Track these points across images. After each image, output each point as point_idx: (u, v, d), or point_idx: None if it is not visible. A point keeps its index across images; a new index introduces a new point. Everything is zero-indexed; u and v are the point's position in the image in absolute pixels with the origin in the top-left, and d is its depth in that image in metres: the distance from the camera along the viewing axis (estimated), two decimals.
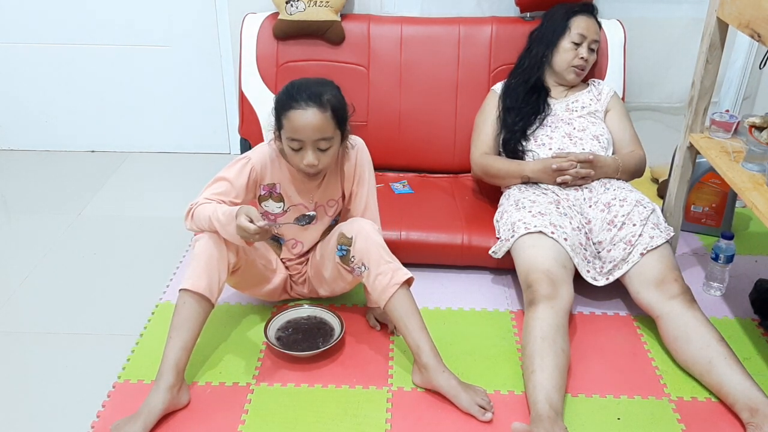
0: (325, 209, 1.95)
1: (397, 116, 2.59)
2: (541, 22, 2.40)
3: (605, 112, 2.34)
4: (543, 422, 1.58)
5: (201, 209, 1.74)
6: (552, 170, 2.13)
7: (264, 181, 1.85)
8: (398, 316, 1.77)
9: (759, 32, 1.69)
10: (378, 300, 1.79)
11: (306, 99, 1.68)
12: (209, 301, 1.72)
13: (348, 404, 1.73)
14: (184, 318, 1.70)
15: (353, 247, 1.80)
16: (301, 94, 1.69)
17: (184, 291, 1.70)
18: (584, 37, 2.29)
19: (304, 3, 2.50)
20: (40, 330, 2.01)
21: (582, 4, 2.38)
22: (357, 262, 1.81)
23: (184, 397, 1.70)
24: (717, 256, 2.15)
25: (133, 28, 2.93)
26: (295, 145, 1.72)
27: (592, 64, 2.38)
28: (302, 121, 1.68)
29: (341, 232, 1.84)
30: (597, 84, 2.42)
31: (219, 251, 1.73)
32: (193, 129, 3.13)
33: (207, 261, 1.72)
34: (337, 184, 1.92)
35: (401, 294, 1.77)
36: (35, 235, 2.50)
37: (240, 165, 1.81)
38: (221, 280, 1.75)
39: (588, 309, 2.11)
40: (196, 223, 1.75)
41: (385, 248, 1.81)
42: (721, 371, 1.72)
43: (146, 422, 1.60)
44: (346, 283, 1.93)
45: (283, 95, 1.73)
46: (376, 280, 1.78)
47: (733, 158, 1.94)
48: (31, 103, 3.09)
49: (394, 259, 1.81)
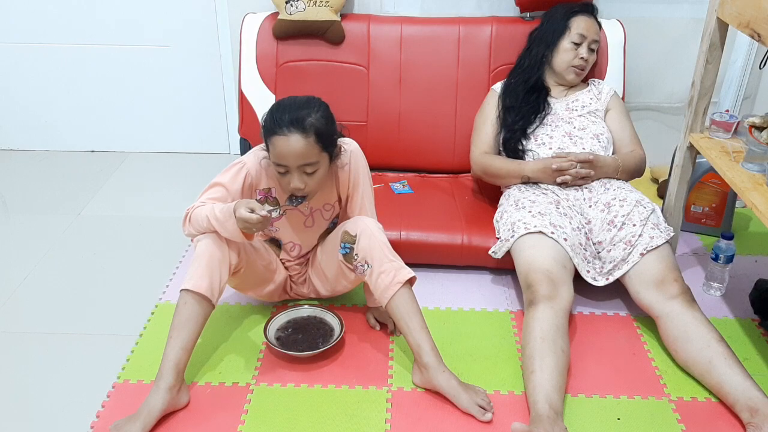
0: (321, 213, 1.95)
1: (397, 116, 2.59)
2: (541, 23, 2.40)
3: (605, 112, 2.34)
4: (543, 422, 1.58)
5: (197, 212, 1.74)
6: (552, 170, 2.13)
7: (260, 186, 1.85)
8: (400, 315, 1.77)
9: (759, 32, 1.69)
10: (380, 298, 1.79)
11: (288, 124, 1.66)
12: (210, 302, 1.72)
13: (348, 404, 1.73)
14: (185, 318, 1.70)
15: (357, 245, 1.81)
16: (283, 118, 1.66)
17: (186, 291, 1.70)
18: (584, 37, 2.29)
19: (304, 3, 2.50)
20: (40, 330, 2.01)
21: (582, 4, 2.38)
22: (360, 260, 1.81)
23: (184, 398, 1.70)
24: (717, 256, 2.15)
25: (133, 28, 2.93)
26: (281, 169, 1.72)
27: (592, 64, 2.38)
28: (285, 148, 1.67)
29: (345, 230, 1.84)
30: (597, 83, 2.42)
31: (221, 252, 1.73)
32: (192, 129, 3.13)
33: (209, 261, 1.71)
34: (333, 189, 1.92)
35: (403, 293, 1.77)
36: (35, 235, 2.50)
37: (235, 170, 1.81)
38: (222, 281, 1.75)
39: (588, 309, 2.11)
40: (194, 226, 1.75)
41: (388, 247, 1.81)
42: (721, 371, 1.72)
43: (145, 422, 1.59)
44: (348, 281, 1.93)
45: (268, 118, 1.70)
46: (379, 278, 1.78)
47: (733, 158, 1.94)
48: (31, 103, 3.09)
49: (398, 258, 1.81)
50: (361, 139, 2.56)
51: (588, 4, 2.40)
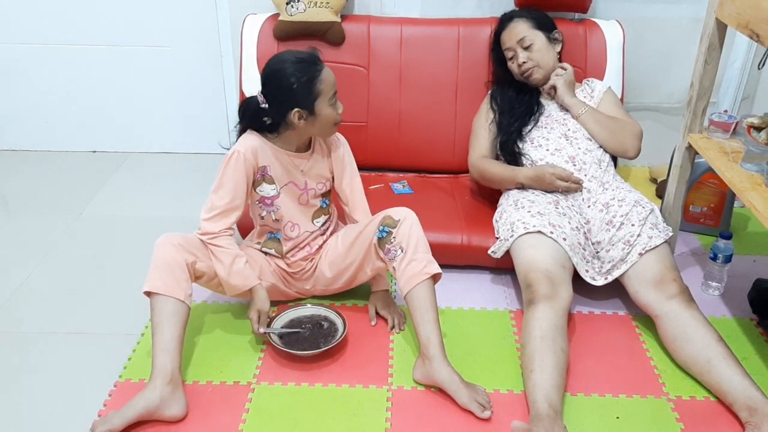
0: (315, 189, 1.99)
1: (397, 116, 2.59)
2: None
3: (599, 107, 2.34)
4: (542, 421, 1.58)
5: (215, 257, 1.85)
6: (549, 174, 2.13)
7: (258, 165, 1.89)
8: (418, 304, 1.80)
9: (758, 33, 1.70)
10: (404, 285, 1.83)
11: (318, 60, 1.83)
12: (175, 299, 1.74)
13: (348, 404, 1.74)
14: (156, 321, 1.74)
15: (397, 230, 1.86)
16: (311, 63, 1.81)
17: (147, 294, 1.76)
18: (510, 48, 2.32)
19: (305, 4, 2.50)
20: (40, 330, 2.01)
21: (501, 18, 2.41)
22: (395, 245, 1.85)
23: (174, 407, 1.66)
24: (715, 256, 2.15)
25: (134, 28, 2.93)
26: (333, 99, 1.86)
27: (551, 54, 2.33)
28: (331, 75, 1.84)
29: (388, 215, 1.90)
30: (591, 82, 2.42)
31: (177, 254, 1.80)
32: (193, 129, 3.14)
33: (161, 264, 1.78)
34: (326, 164, 2.00)
35: (427, 285, 1.82)
36: (35, 235, 2.50)
37: (232, 162, 1.85)
38: (183, 278, 1.78)
39: (587, 309, 2.12)
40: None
41: (425, 241, 1.88)
42: (720, 371, 1.73)
43: (124, 415, 1.60)
44: (371, 269, 1.96)
45: (302, 73, 1.79)
46: (410, 264, 1.82)
47: (732, 158, 1.94)
48: (32, 103, 3.09)
49: (430, 253, 1.87)
50: (362, 140, 2.60)
51: (505, 15, 2.41)
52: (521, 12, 2.38)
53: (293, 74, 1.79)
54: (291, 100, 1.81)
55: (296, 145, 1.93)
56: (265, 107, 1.84)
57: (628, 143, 2.24)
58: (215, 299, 2.12)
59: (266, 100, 1.84)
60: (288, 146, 1.92)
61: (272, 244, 2.02)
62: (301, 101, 1.81)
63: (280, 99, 1.82)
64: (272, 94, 1.84)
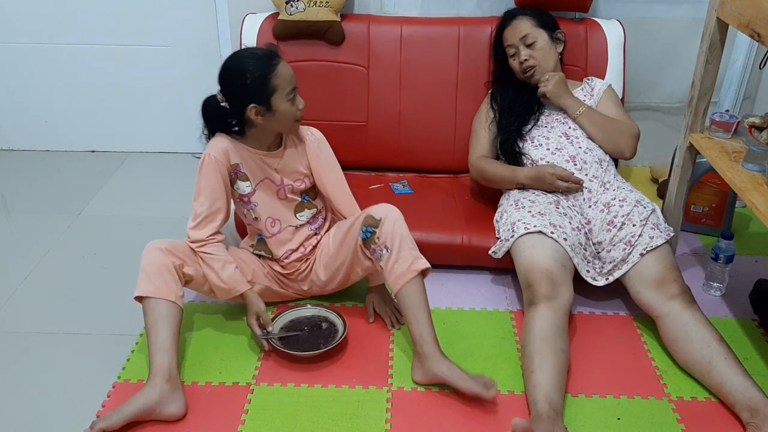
0: (292, 185, 1.97)
1: (397, 116, 2.59)
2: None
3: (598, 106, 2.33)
4: (543, 422, 1.58)
5: (205, 264, 1.86)
6: (549, 174, 2.13)
7: (230, 163, 1.90)
8: (409, 303, 1.79)
9: (759, 32, 1.69)
10: (393, 284, 1.82)
11: (274, 55, 1.81)
12: (166, 300, 1.75)
13: (348, 404, 1.74)
14: (150, 323, 1.75)
15: (380, 229, 1.83)
16: (264, 58, 1.80)
17: (138, 299, 1.78)
18: (512, 45, 2.30)
19: (304, 3, 2.50)
20: (40, 330, 2.01)
21: (504, 14, 2.39)
22: (380, 245, 1.83)
23: (172, 406, 1.66)
24: (717, 256, 2.15)
25: (133, 28, 2.93)
26: (292, 95, 1.82)
27: (552, 52, 2.31)
28: (288, 69, 1.82)
29: (369, 215, 1.87)
30: (591, 81, 2.42)
31: (164, 257, 1.81)
32: (193, 129, 3.10)
33: (149, 268, 1.80)
34: (301, 160, 1.97)
35: (416, 282, 1.81)
36: (35, 235, 2.50)
37: (204, 167, 1.87)
38: (172, 279, 1.79)
39: (588, 309, 2.11)
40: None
41: (410, 236, 1.86)
42: (721, 371, 1.72)
43: (123, 412, 1.60)
44: (361, 269, 1.95)
45: (249, 75, 1.78)
46: (396, 263, 1.81)
47: (733, 158, 1.94)
48: (31, 103, 3.09)
49: (416, 248, 1.85)
50: (361, 139, 2.60)
51: (508, 12, 2.40)
52: (525, 10, 2.37)
53: (247, 69, 1.78)
54: (246, 95, 1.79)
55: (266, 144, 1.92)
56: (225, 106, 1.83)
57: (623, 144, 2.23)
58: (214, 300, 2.11)
59: (225, 98, 1.83)
60: (258, 146, 1.91)
61: (261, 246, 2.02)
62: (256, 97, 1.79)
63: (235, 95, 1.82)
64: (229, 91, 1.83)
